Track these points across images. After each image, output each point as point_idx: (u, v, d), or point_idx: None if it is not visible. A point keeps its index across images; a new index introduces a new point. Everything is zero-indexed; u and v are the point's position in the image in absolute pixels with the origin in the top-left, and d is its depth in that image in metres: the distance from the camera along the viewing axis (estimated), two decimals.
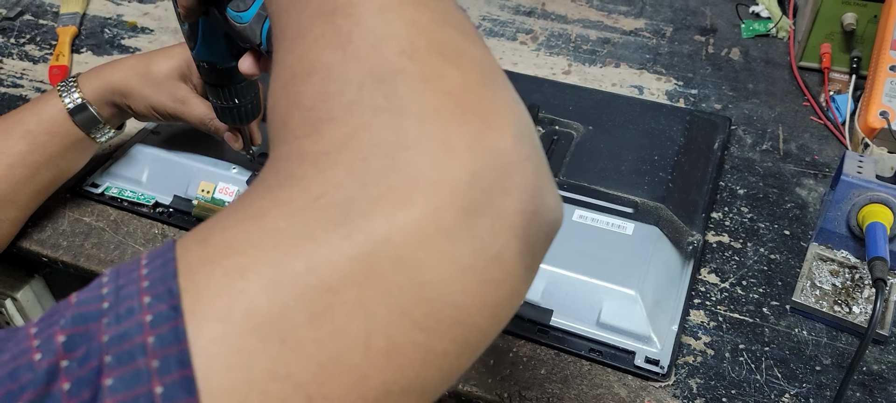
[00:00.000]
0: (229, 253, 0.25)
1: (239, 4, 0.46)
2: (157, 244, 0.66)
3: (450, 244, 0.25)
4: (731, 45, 0.90)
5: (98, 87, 0.62)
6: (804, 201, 0.70)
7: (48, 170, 0.62)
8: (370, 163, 0.25)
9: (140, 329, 0.24)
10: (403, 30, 0.28)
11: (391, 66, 0.27)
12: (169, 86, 0.63)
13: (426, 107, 0.26)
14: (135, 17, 0.95)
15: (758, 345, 0.59)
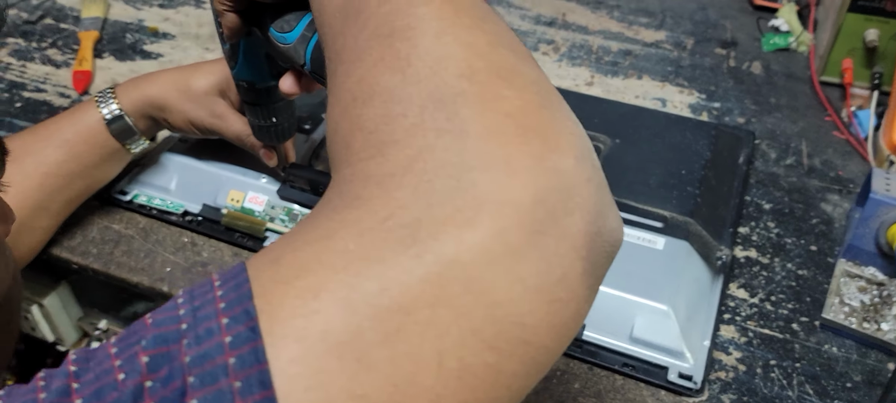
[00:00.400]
0: (301, 273, 0.25)
1: (283, 26, 0.46)
2: (186, 253, 0.66)
3: (517, 264, 0.25)
4: (752, 59, 0.91)
5: (136, 100, 0.63)
6: (830, 217, 0.71)
7: (82, 179, 0.63)
8: (435, 184, 0.25)
9: (220, 349, 0.24)
10: (461, 52, 0.28)
11: (451, 88, 0.27)
12: (207, 102, 0.63)
13: (488, 128, 0.26)
14: (156, 22, 0.95)
15: (789, 361, 0.59)
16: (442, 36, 0.28)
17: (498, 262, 0.25)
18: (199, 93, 0.63)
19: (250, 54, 0.55)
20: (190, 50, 0.90)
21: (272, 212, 0.66)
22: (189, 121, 0.63)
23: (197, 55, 0.89)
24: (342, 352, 0.24)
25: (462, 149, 0.26)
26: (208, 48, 0.91)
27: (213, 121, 0.63)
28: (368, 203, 0.26)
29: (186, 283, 0.63)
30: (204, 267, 0.65)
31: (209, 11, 0.96)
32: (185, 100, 0.62)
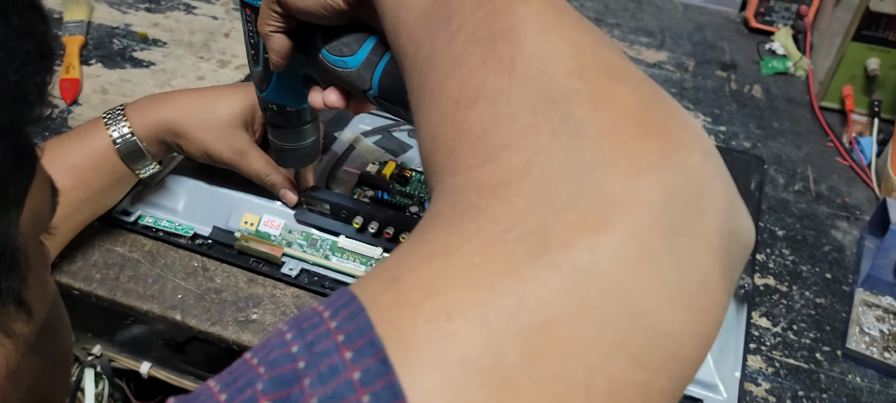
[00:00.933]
0: (427, 294, 0.23)
1: (342, 49, 0.44)
2: (198, 278, 0.62)
3: (655, 269, 0.23)
4: (752, 82, 0.92)
5: (150, 123, 0.59)
6: (841, 244, 0.72)
7: (89, 206, 0.59)
8: (558, 187, 0.24)
9: (350, 387, 0.22)
10: (568, 50, 0.27)
11: (562, 87, 0.26)
12: (229, 135, 0.60)
13: (606, 125, 0.25)
14: (144, 27, 0.90)
15: (816, 392, 0.59)
16: (546, 34, 0.27)
17: (636, 267, 0.23)
18: (221, 124, 0.59)
19: (286, 77, 0.52)
20: (184, 58, 0.86)
21: (289, 237, 0.63)
22: (206, 152, 0.60)
23: (191, 64, 0.85)
24: (484, 378, 0.22)
25: (581, 148, 0.24)
26: (202, 57, 0.87)
27: (232, 157, 0.60)
28: (486, 213, 0.24)
29: (200, 311, 0.60)
30: (218, 293, 0.62)
31: (201, 18, 0.92)
32: (205, 130, 0.59)
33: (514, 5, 0.28)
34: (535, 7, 0.28)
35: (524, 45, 0.27)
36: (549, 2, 0.28)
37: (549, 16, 0.28)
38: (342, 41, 0.44)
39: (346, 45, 0.44)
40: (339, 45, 0.44)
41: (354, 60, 0.43)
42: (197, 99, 0.61)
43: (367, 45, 0.43)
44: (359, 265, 0.62)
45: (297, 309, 0.61)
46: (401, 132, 0.73)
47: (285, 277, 0.62)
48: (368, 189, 0.66)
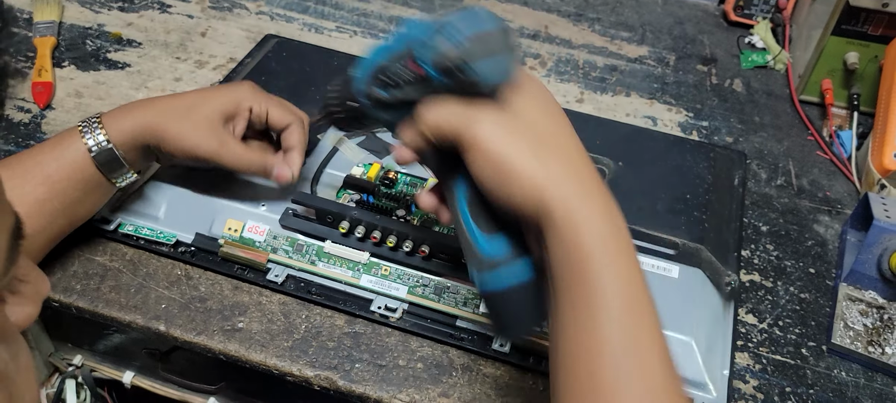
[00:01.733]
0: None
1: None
2: (182, 287, 0.61)
3: None
4: (732, 76, 0.92)
5: (127, 129, 0.57)
6: (823, 238, 0.72)
7: (64, 217, 0.57)
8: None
9: None
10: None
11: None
12: (209, 130, 0.59)
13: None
14: (118, 27, 0.88)
15: (803, 388, 0.60)
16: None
17: None
18: (201, 121, 0.58)
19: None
20: (160, 59, 0.84)
21: (274, 243, 0.62)
22: (187, 149, 0.58)
23: (168, 65, 0.84)
24: None
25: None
26: (179, 57, 0.85)
27: (214, 150, 0.59)
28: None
29: (185, 321, 0.59)
30: (203, 302, 0.61)
31: (176, 17, 0.91)
32: (185, 127, 0.58)
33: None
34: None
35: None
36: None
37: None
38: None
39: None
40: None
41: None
42: (175, 100, 0.59)
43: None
44: (346, 270, 0.61)
45: (284, 316, 0.60)
46: (385, 133, 0.73)
47: (271, 284, 0.61)
48: (354, 192, 0.65)
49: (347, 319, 0.61)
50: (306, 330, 0.60)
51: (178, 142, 0.58)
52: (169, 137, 0.58)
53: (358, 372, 0.57)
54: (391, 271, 0.61)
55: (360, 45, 0.90)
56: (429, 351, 0.59)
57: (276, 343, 0.59)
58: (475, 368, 0.59)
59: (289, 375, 0.58)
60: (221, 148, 0.59)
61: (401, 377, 0.57)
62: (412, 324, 0.60)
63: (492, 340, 0.59)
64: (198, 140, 0.58)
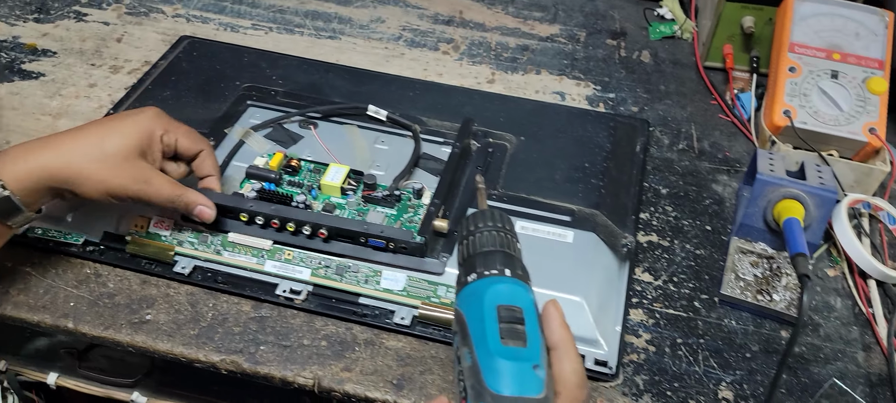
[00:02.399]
0: None
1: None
2: (91, 285, 0.63)
3: None
4: (641, 48, 0.95)
5: (26, 174, 0.54)
6: (721, 196, 0.75)
7: None
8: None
9: None
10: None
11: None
12: (128, 167, 0.56)
13: None
14: (33, 38, 0.89)
15: (693, 338, 0.63)
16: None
17: None
18: (117, 157, 0.56)
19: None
20: (74, 67, 0.85)
21: (180, 236, 0.64)
22: (107, 191, 0.56)
23: (82, 72, 0.85)
24: None
25: None
26: (94, 64, 0.86)
27: (137, 188, 0.57)
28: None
29: (93, 317, 0.61)
30: (111, 298, 0.62)
31: (92, 25, 0.92)
32: (101, 169, 0.55)
33: None
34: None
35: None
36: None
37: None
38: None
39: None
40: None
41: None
42: (82, 138, 0.56)
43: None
44: (250, 257, 0.63)
45: (191, 305, 0.62)
46: (292, 123, 0.74)
47: (179, 276, 0.63)
48: (256, 182, 0.67)
49: (254, 304, 0.63)
50: (213, 318, 0.62)
51: (97, 186, 0.56)
52: (84, 180, 0.55)
53: (263, 354, 0.59)
54: (294, 255, 0.63)
55: (276, 41, 0.92)
56: (333, 329, 0.61)
57: (182, 332, 0.60)
58: (378, 342, 0.61)
59: (196, 361, 0.59)
60: (148, 186, 0.57)
61: (305, 355, 0.59)
62: (317, 305, 0.62)
63: (393, 314, 0.61)
64: (122, 181, 0.56)
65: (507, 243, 0.46)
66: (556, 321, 0.44)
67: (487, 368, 0.40)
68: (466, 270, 0.45)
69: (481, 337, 0.41)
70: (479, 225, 0.46)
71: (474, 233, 0.46)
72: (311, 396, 0.60)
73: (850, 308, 0.66)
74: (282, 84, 0.80)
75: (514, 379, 0.40)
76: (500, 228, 0.46)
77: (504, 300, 0.42)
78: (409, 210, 0.66)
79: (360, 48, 0.91)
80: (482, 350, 0.41)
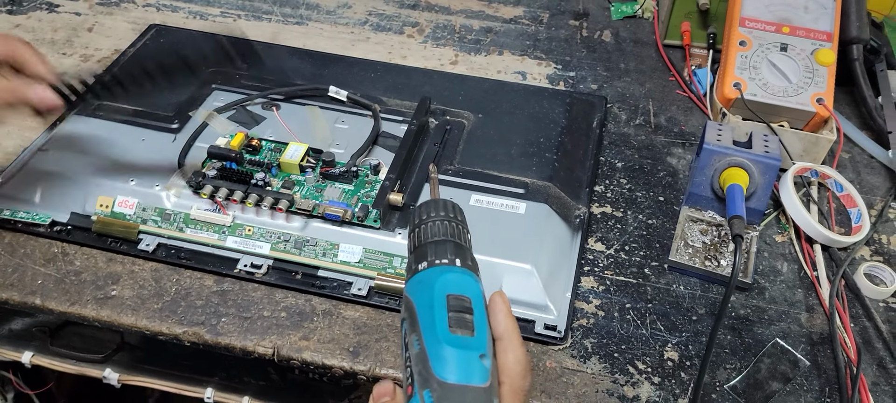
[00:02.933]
0: None
1: None
2: (58, 263, 0.65)
3: None
4: (602, 28, 0.97)
5: None
6: (675, 169, 0.77)
7: None
8: None
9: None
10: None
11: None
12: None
13: None
14: (6, 30, 0.91)
15: (642, 303, 0.65)
16: None
17: None
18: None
19: None
20: (46, 56, 0.87)
21: (144, 214, 0.66)
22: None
23: (54, 61, 0.87)
24: None
25: None
26: (65, 53, 0.88)
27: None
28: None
29: (60, 294, 0.63)
30: (77, 275, 0.64)
31: (64, 15, 0.94)
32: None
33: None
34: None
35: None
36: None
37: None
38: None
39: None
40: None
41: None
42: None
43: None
44: (212, 234, 0.65)
45: (155, 281, 0.64)
46: (254, 105, 0.76)
47: (143, 253, 0.65)
48: (217, 161, 0.69)
49: (216, 279, 0.65)
50: (176, 293, 0.64)
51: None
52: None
53: (224, 326, 0.61)
54: (254, 230, 0.65)
55: (244, 27, 0.94)
56: (292, 301, 0.64)
57: (146, 307, 0.62)
58: (336, 312, 0.63)
59: (160, 334, 0.62)
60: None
61: (264, 326, 0.62)
62: (277, 278, 0.64)
63: (350, 285, 0.63)
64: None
65: (458, 233, 0.46)
66: (503, 312, 0.45)
67: (435, 356, 0.41)
68: (417, 258, 0.45)
69: (430, 325, 0.42)
70: (430, 214, 0.47)
71: (426, 222, 0.47)
72: (272, 365, 0.62)
73: (795, 272, 0.68)
74: (246, 68, 0.82)
75: (460, 368, 0.40)
76: (452, 218, 0.47)
77: (454, 289, 0.43)
78: (366, 185, 0.68)
79: (327, 33, 0.93)
80: (430, 338, 0.41)
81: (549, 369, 0.59)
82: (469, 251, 0.46)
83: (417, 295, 0.44)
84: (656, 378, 0.59)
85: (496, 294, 0.45)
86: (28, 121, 0.78)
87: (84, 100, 0.63)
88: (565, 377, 0.59)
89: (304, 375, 0.63)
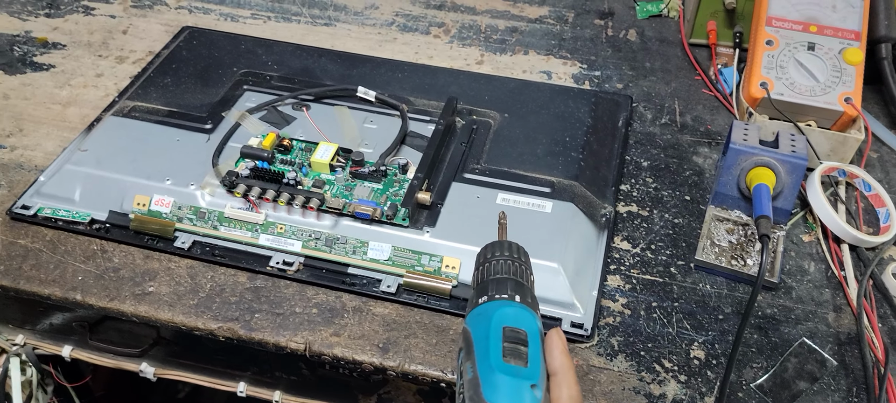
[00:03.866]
0: None
1: None
2: (97, 260, 0.67)
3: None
4: (628, 27, 0.97)
5: None
6: (701, 168, 0.78)
7: None
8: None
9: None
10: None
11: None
12: None
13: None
14: (44, 33, 0.94)
15: (668, 302, 0.65)
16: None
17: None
18: None
19: None
20: (83, 58, 0.90)
21: (180, 213, 0.68)
22: None
23: (90, 63, 0.89)
24: None
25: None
26: (101, 55, 0.90)
27: None
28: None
29: (99, 289, 0.65)
30: (116, 272, 0.66)
31: (99, 18, 0.96)
32: None
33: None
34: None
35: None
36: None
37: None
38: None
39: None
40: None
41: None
42: None
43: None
44: (245, 231, 0.67)
45: (191, 277, 0.66)
46: (285, 106, 0.78)
47: (178, 250, 0.67)
48: (250, 160, 0.70)
49: (249, 276, 0.66)
50: (211, 289, 0.65)
51: None
52: None
53: (257, 321, 0.63)
54: (286, 228, 0.67)
55: (273, 29, 0.95)
56: (323, 298, 0.65)
57: (183, 302, 0.64)
58: (365, 309, 0.64)
59: (195, 329, 0.63)
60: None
61: (296, 322, 0.63)
62: (308, 275, 0.66)
63: (380, 282, 0.65)
64: None
65: (520, 272, 0.48)
66: (559, 348, 0.45)
67: (487, 382, 0.42)
68: (478, 293, 0.47)
69: (484, 353, 0.43)
70: (495, 253, 0.49)
71: (490, 261, 0.48)
72: (304, 360, 0.64)
73: (823, 271, 0.68)
74: (277, 69, 0.84)
75: (511, 395, 0.41)
76: (516, 259, 0.48)
77: (510, 322, 0.44)
78: (394, 184, 0.69)
79: (354, 34, 0.95)
80: (484, 365, 0.42)
81: (575, 367, 0.60)
82: (530, 290, 0.48)
83: (475, 326, 0.45)
84: (683, 377, 0.60)
85: (554, 331, 0.46)
86: (67, 122, 0.81)
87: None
88: (592, 374, 0.60)
89: (335, 370, 0.64)
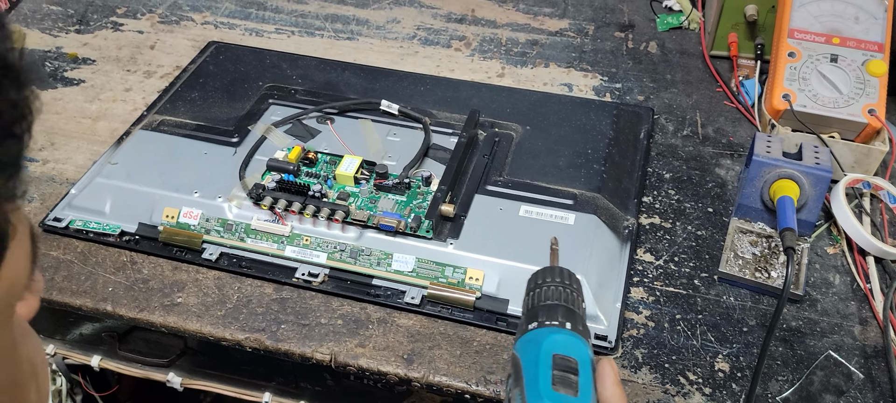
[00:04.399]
0: None
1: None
2: (127, 272, 0.68)
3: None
4: (648, 39, 0.97)
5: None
6: (723, 180, 0.78)
7: None
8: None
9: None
10: None
11: None
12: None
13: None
14: (74, 48, 0.96)
15: (692, 314, 0.65)
16: None
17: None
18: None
19: None
20: (112, 73, 0.92)
21: (207, 225, 0.69)
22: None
23: (119, 78, 0.91)
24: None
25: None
26: (129, 69, 0.92)
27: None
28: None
29: (129, 300, 0.66)
30: (145, 283, 0.67)
31: (128, 34, 0.98)
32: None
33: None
34: None
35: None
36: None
37: None
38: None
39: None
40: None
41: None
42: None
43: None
44: (272, 243, 0.68)
45: (218, 289, 0.67)
46: (310, 119, 0.79)
47: (206, 262, 0.68)
48: (276, 173, 0.71)
49: (275, 287, 0.67)
50: (238, 300, 0.66)
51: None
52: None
53: (283, 332, 0.64)
54: (311, 240, 0.68)
55: (297, 43, 0.97)
56: (348, 309, 0.66)
57: (210, 313, 0.65)
58: (390, 320, 0.65)
59: (223, 340, 0.64)
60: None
61: (322, 333, 0.64)
62: (333, 286, 0.67)
63: (404, 294, 0.65)
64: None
65: (571, 299, 0.47)
66: (611, 378, 0.44)
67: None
68: (528, 319, 0.46)
69: (533, 381, 0.42)
70: (546, 279, 0.48)
71: (541, 286, 0.48)
72: (329, 371, 0.64)
73: (848, 284, 0.68)
74: (301, 83, 0.85)
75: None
76: (567, 285, 0.48)
77: (561, 350, 0.43)
78: (418, 197, 0.70)
79: (377, 47, 0.96)
80: (532, 393, 0.41)
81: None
82: (581, 318, 0.47)
83: (524, 353, 0.44)
84: (707, 389, 0.60)
85: (606, 360, 0.45)
86: (97, 135, 0.82)
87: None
88: None
89: (360, 381, 0.65)
